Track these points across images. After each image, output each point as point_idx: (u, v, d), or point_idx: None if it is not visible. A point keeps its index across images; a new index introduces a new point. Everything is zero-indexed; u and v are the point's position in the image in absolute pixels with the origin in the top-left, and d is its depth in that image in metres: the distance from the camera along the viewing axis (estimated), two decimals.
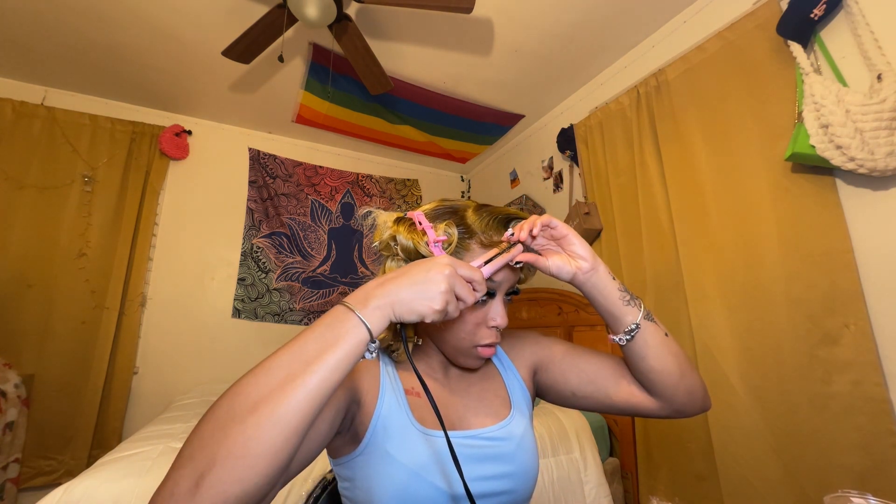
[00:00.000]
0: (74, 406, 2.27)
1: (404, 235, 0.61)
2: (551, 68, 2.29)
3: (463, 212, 0.63)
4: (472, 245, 0.61)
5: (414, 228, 0.61)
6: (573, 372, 0.70)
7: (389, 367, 0.66)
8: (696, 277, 1.65)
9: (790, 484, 1.32)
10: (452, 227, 0.61)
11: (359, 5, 1.81)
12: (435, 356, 0.69)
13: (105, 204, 2.49)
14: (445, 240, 0.60)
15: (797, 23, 1.34)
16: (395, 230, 0.62)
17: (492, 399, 0.69)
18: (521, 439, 0.65)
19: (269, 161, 3.05)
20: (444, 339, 0.64)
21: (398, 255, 0.62)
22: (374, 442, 0.58)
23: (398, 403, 0.61)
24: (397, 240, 0.62)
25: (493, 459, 0.62)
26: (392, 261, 0.63)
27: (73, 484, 1.12)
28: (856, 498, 0.47)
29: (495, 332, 0.62)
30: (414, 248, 0.60)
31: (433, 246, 0.59)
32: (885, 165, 1.15)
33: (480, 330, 0.62)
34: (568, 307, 2.26)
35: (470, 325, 0.61)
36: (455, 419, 0.65)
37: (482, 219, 0.62)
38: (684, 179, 1.73)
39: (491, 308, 0.62)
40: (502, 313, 0.62)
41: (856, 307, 1.24)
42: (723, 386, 1.52)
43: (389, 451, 0.57)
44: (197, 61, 2.25)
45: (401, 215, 0.64)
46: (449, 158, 3.46)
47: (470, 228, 0.61)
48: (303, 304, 3.00)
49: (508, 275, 0.62)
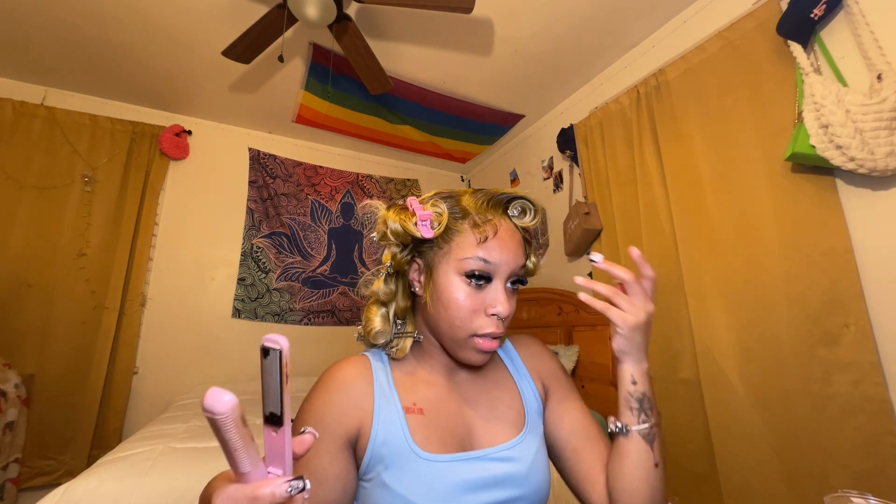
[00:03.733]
0: (74, 406, 2.27)
1: (392, 218, 0.59)
2: (551, 68, 2.29)
3: (459, 196, 0.62)
4: (465, 226, 0.59)
5: (404, 210, 0.60)
6: (568, 427, 0.65)
7: (384, 382, 0.60)
8: (696, 277, 1.65)
9: (790, 484, 1.32)
10: (441, 203, 0.59)
11: (359, 5, 1.81)
12: (438, 356, 0.64)
13: (105, 204, 2.49)
14: (432, 216, 0.58)
15: (797, 23, 1.34)
16: (387, 216, 0.60)
17: (504, 410, 0.64)
18: (534, 460, 0.60)
19: (269, 161, 3.05)
20: (440, 330, 0.59)
21: (391, 241, 0.61)
22: (371, 472, 0.55)
23: (395, 426, 0.56)
24: (388, 225, 0.60)
25: (502, 484, 0.57)
26: (388, 249, 0.62)
27: (73, 484, 1.12)
28: (856, 498, 0.47)
29: (496, 322, 0.57)
30: (402, 229, 0.59)
31: (420, 225, 0.58)
32: (885, 165, 1.15)
33: (478, 318, 0.57)
34: (568, 307, 2.26)
35: (465, 311, 0.56)
36: (463, 435, 0.60)
37: (477, 199, 0.61)
38: (684, 179, 1.73)
39: (489, 293, 0.57)
40: (503, 300, 0.57)
41: (856, 307, 1.24)
42: (723, 386, 1.52)
43: (386, 482, 0.53)
44: (197, 61, 2.25)
45: (391, 204, 0.63)
46: (449, 158, 3.46)
47: (464, 210, 0.60)
48: (303, 304, 3.00)
49: (505, 255, 0.57)
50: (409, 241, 0.60)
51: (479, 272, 0.57)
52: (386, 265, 0.62)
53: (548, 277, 2.49)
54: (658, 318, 1.78)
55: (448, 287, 0.57)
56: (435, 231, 0.58)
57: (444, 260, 0.59)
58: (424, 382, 0.62)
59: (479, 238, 0.57)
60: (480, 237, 0.58)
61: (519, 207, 0.62)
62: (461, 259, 0.57)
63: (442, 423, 0.59)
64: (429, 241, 0.60)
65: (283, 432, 0.30)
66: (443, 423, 0.59)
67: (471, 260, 0.57)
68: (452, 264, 0.58)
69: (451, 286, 0.57)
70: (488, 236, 0.58)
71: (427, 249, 0.60)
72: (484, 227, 0.58)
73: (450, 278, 0.57)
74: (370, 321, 0.63)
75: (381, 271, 0.63)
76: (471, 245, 0.57)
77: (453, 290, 0.57)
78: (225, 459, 0.29)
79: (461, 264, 0.57)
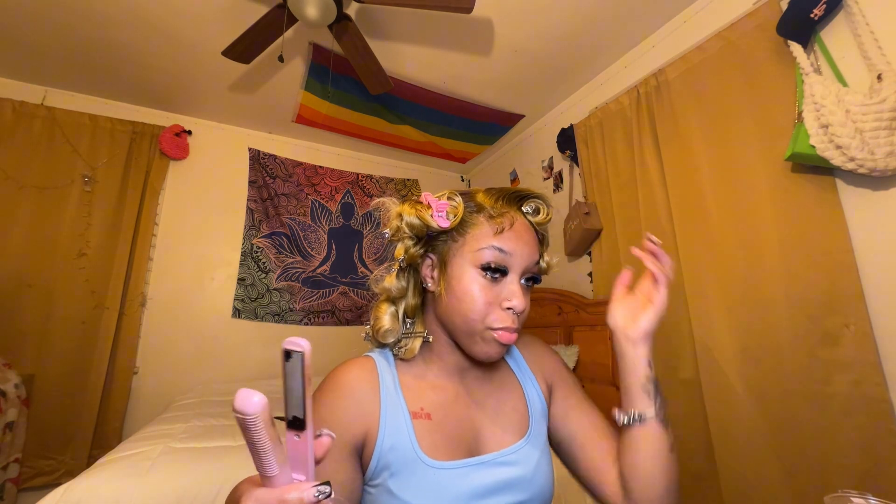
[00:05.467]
0: (74, 406, 2.27)
1: (408, 212, 0.59)
2: (551, 68, 2.29)
3: (473, 193, 0.62)
4: (480, 219, 0.59)
5: (419, 203, 0.60)
6: (574, 422, 0.65)
7: (390, 385, 0.59)
8: (696, 277, 1.65)
9: (790, 484, 1.32)
10: (456, 195, 0.59)
11: (359, 5, 1.81)
12: (449, 356, 0.62)
13: (105, 204, 2.49)
14: (448, 207, 0.58)
15: (797, 23, 1.34)
16: (402, 209, 0.60)
17: (510, 413, 0.64)
18: (539, 462, 0.61)
19: (269, 161, 3.05)
20: (454, 324, 0.58)
21: (405, 234, 0.60)
22: (377, 478, 0.54)
23: (402, 432, 0.55)
24: (403, 218, 0.60)
25: (508, 488, 0.57)
26: (401, 244, 0.61)
27: (73, 484, 1.12)
28: (856, 498, 0.47)
29: (511, 316, 0.56)
30: (420, 222, 0.59)
31: (436, 216, 0.58)
32: (885, 165, 1.15)
33: (493, 311, 0.56)
34: (568, 307, 2.26)
35: (480, 303, 0.55)
36: (471, 439, 0.59)
37: (492, 196, 0.61)
38: (684, 179, 1.73)
39: (504, 287, 0.57)
40: (519, 294, 0.56)
41: (856, 307, 1.24)
42: (723, 386, 1.52)
43: (392, 489, 0.53)
44: (197, 61, 2.25)
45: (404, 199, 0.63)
46: (449, 158, 3.46)
47: (479, 204, 0.60)
48: (303, 304, 3.00)
49: (521, 248, 0.57)
50: (424, 235, 0.60)
51: (494, 264, 0.56)
52: (399, 259, 0.61)
53: (548, 277, 2.48)
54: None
55: (463, 279, 0.57)
56: (451, 222, 0.58)
57: (458, 252, 0.58)
58: (432, 386, 0.61)
59: (497, 229, 0.57)
60: (497, 227, 0.57)
61: (533, 205, 0.62)
62: (477, 250, 0.57)
63: (449, 427, 0.58)
64: (443, 234, 0.60)
65: (305, 436, 0.31)
66: (450, 428, 0.59)
67: (486, 250, 0.56)
68: (468, 256, 0.57)
69: (465, 278, 0.57)
70: (505, 227, 0.58)
71: (441, 243, 0.60)
72: (500, 219, 0.58)
73: (465, 270, 0.57)
74: (379, 319, 0.61)
75: (394, 266, 0.63)
76: (486, 235, 0.57)
77: (468, 283, 0.56)
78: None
79: (477, 256, 0.57)
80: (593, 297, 2.20)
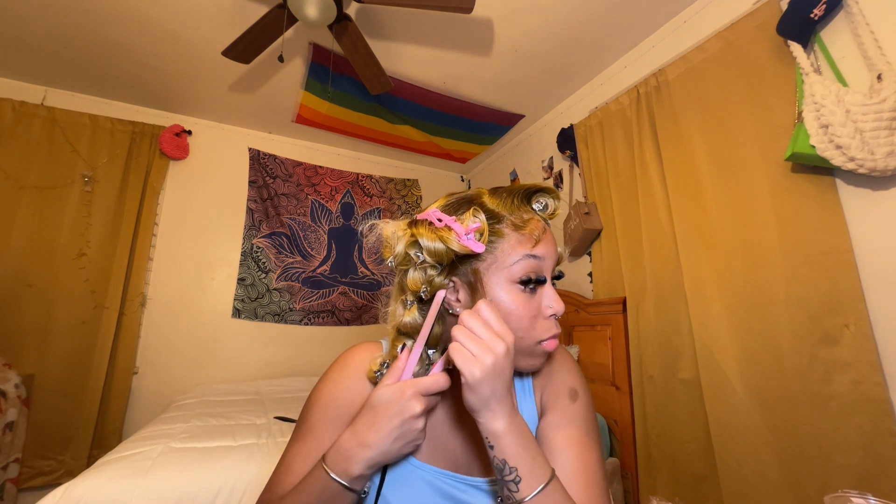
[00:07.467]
0: (74, 406, 2.27)
1: (428, 237, 0.52)
2: (551, 68, 2.29)
3: (479, 199, 0.56)
4: (504, 230, 0.54)
5: (436, 227, 0.53)
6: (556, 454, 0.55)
7: None
8: (696, 277, 1.65)
9: (790, 484, 1.32)
10: (480, 212, 0.54)
11: (359, 5, 1.81)
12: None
13: (105, 204, 2.49)
14: (477, 228, 0.52)
15: (797, 23, 1.34)
16: (417, 233, 0.53)
17: None
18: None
19: (269, 161, 3.05)
20: None
21: (426, 261, 0.54)
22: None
23: None
24: (422, 244, 0.53)
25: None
26: (415, 270, 0.54)
27: (73, 484, 1.12)
28: (856, 498, 0.47)
29: (555, 322, 0.55)
30: (445, 248, 0.52)
31: (464, 239, 0.52)
32: (885, 165, 1.15)
33: (538, 323, 0.54)
34: (568, 307, 2.26)
35: (526, 319, 0.53)
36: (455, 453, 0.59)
37: (503, 200, 0.56)
38: (684, 179, 1.73)
39: (544, 295, 0.55)
40: (557, 297, 0.55)
41: (856, 307, 1.24)
42: (723, 386, 1.52)
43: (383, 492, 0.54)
44: (197, 61, 2.25)
45: (411, 220, 0.57)
46: (449, 158, 3.46)
47: (495, 213, 0.55)
48: (303, 304, 3.00)
49: (550, 250, 0.55)
50: (449, 261, 0.54)
51: (534, 275, 0.53)
52: (419, 291, 0.54)
53: None
54: (658, 319, 1.79)
55: (504, 299, 0.53)
56: (481, 240, 0.53)
57: (489, 271, 0.53)
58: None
59: (532, 240, 0.54)
60: (532, 238, 0.54)
61: (543, 202, 0.59)
62: (510, 265, 0.53)
63: (437, 434, 0.59)
64: (469, 255, 0.54)
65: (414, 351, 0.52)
66: (437, 436, 0.59)
67: (521, 262, 0.53)
68: (502, 273, 0.53)
69: (504, 297, 0.53)
70: (539, 237, 0.54)
71: (464, 265, 0.55)
72: (530, 228, 0.54)
73: (500, 288, 0.53)
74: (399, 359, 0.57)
75: (409, 299, 0.56)
76: (516, 248, 0.53)
77: (509, 301, 0.53)
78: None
79: (512, 271, 0.53)
80: (593, 297, 2.20)
